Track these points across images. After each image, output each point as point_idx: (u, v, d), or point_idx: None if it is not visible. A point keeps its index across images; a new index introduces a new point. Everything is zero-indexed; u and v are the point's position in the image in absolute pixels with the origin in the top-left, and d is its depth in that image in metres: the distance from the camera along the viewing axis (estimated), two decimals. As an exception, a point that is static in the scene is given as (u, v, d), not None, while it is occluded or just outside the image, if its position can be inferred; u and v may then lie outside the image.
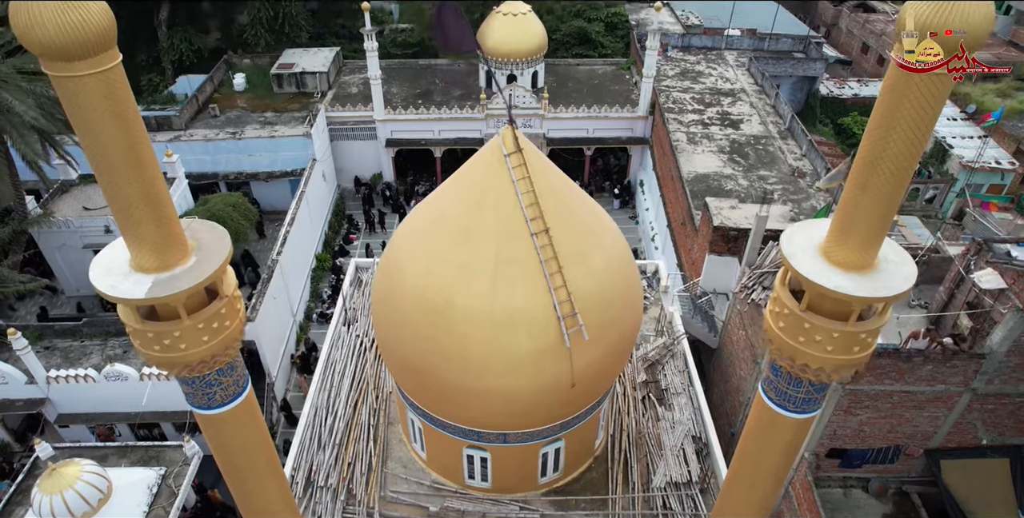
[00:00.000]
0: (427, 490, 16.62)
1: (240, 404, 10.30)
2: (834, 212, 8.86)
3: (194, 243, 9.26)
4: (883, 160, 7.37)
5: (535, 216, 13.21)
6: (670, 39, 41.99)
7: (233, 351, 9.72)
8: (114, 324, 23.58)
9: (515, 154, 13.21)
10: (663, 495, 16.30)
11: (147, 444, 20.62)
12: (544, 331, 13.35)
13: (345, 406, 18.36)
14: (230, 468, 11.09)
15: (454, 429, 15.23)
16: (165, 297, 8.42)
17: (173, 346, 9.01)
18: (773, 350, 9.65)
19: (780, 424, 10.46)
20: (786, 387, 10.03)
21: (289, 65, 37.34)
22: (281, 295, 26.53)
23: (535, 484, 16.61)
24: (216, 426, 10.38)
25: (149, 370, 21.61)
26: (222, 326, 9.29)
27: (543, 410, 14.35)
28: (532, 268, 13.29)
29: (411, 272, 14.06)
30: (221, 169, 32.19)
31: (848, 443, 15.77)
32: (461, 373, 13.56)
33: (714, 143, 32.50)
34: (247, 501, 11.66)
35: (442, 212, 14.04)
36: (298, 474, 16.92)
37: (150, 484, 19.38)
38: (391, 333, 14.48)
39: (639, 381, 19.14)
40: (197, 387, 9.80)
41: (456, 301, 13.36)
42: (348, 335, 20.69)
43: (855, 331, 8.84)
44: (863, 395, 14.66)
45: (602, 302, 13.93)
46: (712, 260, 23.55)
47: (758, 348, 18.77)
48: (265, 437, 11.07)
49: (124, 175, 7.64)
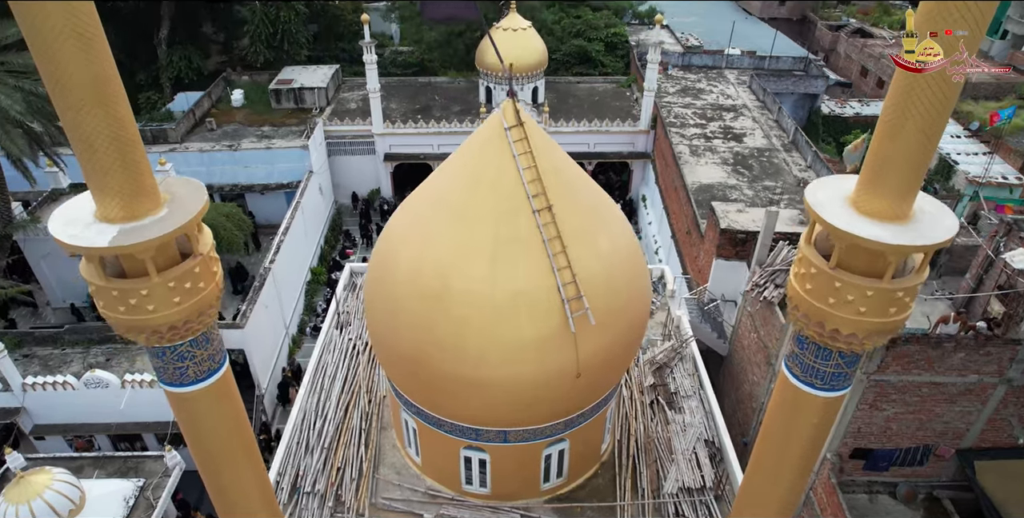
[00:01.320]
0: (421, 497, 15.49)
1: (216, 382, 9.37)
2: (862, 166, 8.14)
3: (167, 196, 8.44)
4: (913, 102, 6.60)
5: (537, 193, 12.48)
6: (670, 58, 41.96)
7: (208, 319, 8.84)
8: (97, 331, 22.66)
9: (516, 128, 12.55)
10: (675, 501, 15.17)
11: (126, 454, 19.47)
12: (547, 315, 12.49)
13: (336, 409, 17.32)
14: (204, 456, 10.07)
15: (451, 427, 14.21)
16: (131, 246, 7.60)
17: (140, 307, 8.13)
18: (799, 318, 8.77)
19: (806, 404, 9.50)
20: (813, 361, 9.13)
21: (288, 81, 37.14)
22: (273, 305, 25.64)
23: (537, 490, 15.48)
24: (188, 406, 9.42)
25: (131, 377, 20.59)
26: (196, 287, 8.43)
27: (546, 404, 13.35)
28: (534, 248, 12.50)
29: (405, 256, 13.26)
30: (216, 181, 31.58)
31: (874, 442, 14.69)
32: (458, 363, 12.64)
33: (717, 155, 32.03)
34: (223, 497, 10.58)
35: (438, 192, 13.33)
36: (283, 480, 15.80)
37: (126, 496, 18.19)
38: (384, 323, 13.59)
39: (646, 385, 18.13)
40: (168, 360, 8.88)
41: (453, 284, 12.53)
42: (340, 338, 19.74)
43: (891, 289, 8.00)
44: (889, 387, 13.67)
45: (609, 287, 13.09)
46: (719, 265, 22.75)
47: (771, 349, 17.83)
48: (243, 422, 10.07)
49: (89, 112, 6.79)
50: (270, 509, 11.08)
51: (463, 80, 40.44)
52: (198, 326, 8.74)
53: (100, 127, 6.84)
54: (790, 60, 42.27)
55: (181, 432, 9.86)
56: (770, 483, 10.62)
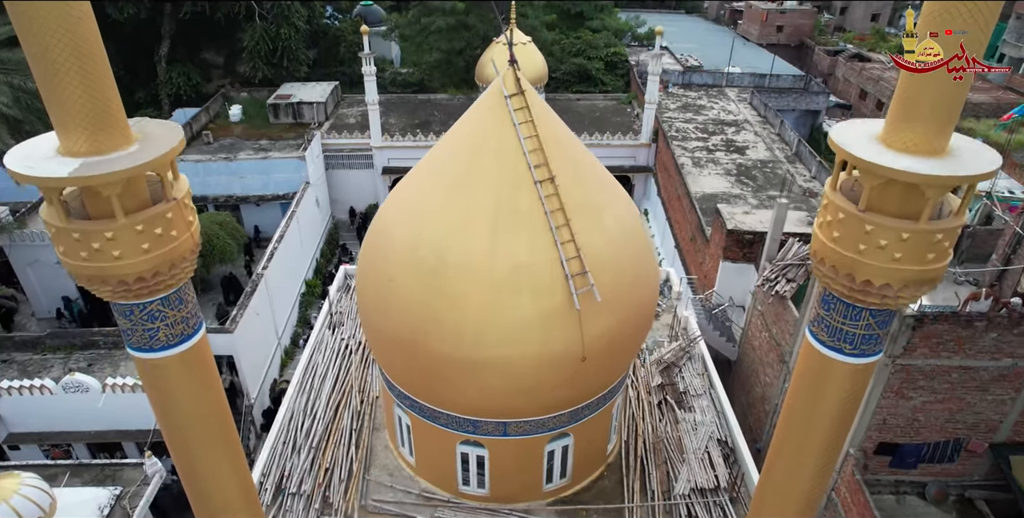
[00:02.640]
0: (415, 499, 14.43)
1: (189, 350, 8.56)
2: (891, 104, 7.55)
3: (140, 134, 7.79)
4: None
5: (539, 163, 11.84)
6: (670, 76, 41.96)
7: (181, 274, 8.07)
8: (79, 336, 21.75)
9: (516, 96, 11.99)
10: (687, 503, 14.12)
11: (103, 462, 18.37)
12: (550, 291, 11.71)
13: (325, 408, 16.34)
14: (175, 437, 9.14)
15: (447, 420, 13.26)
16: (95, 177, 6.96)
17: (104, 253, 7.41)
18: (825, 272, 8.02)
19: (834, 373, 8.66)
20: (841, 322, 8.34)
21: (286, 96, 36.96)
22: (265, 312, 24.78)
23: (539, 492, 14.43)
24: (158, 376, 8.57)
25: (113, 380, 19.61)
26: (167, 235, 7.71)
27: (549, 391, 12.44)
28: (536, 220, 11.79)
29: (399, 232, 12.55)
30: (211, 192, 30.99)
31: (900, 436, 13.69)
32: (455, 343, 11.80)
33: (720, 166, 31.59)
34: (197, 486, 9.57)
35: (436, 164, 12.70)
36: (267, 480, 14.76)
37: (101, 504, 17.03)
38: (377, 304, 12.77)
39: (654, 385, 17.20)
40: (136, 320, 8.10)
41: (450, 258, 11.78)
42: (332, 338, 18.87)
43: (929, 230, 7.30)
44: (917, 372, 12.76)
45: (615, 264, 12.34)
46: (726, 267, 22.01)
47: (784, 346, 16.96)
48: (219, 399, 9.21)
49: (49, 28, 6.17)
50: (249, 501, 10.10)
51: (463, 97, 40.31)
52: (170, 280, 7.99)
53: (60, 40, 6.22)
54: (790, 78, 42.28)
55: (162, 435, 8.95)
56: (792, 472, 9.60)
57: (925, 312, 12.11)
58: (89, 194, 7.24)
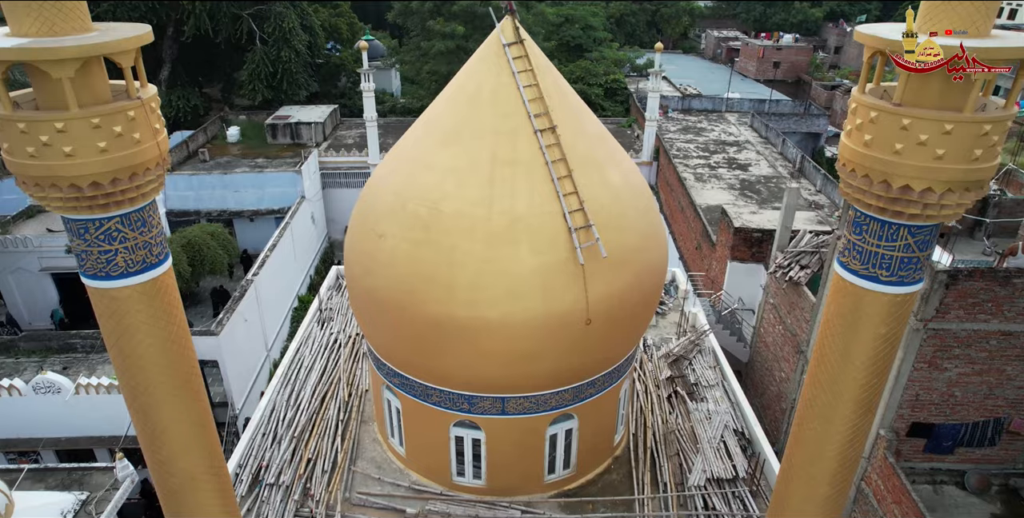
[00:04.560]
0: (405, 492, 13.16)
1: (152, 282, 7.69)
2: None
3: (102, 26, 7.15)
4: None
5: (540, 112, 11.18)
6: (670, 102, 41.98)
7: (145, 189, 7.28)
8: (56, 339, 20.68)
9: (515, 45, 11.42)
10: (703, 494, 12.84)
11: (70, 466, 17.01)
12: (552, 245, 10.84)
13: (311, 399, 15.19)
14: (132, 387, 8.12)
15: (440, 398, 12.17)
16: (43, 50, 6.28)
17: (54, 149, 6.68)
18: (858, 186, 7.23)
19: (869, 307, 7.74)
20: (876, 244, 7.49)
21: (285, 116, 36.79)
22: (254, 320, 23.73)
23: (540, 483, 13.18)
24: (115, 311, 7.64)
25: (87, 380, 18.45)
26: (129, 137, 6.98)
27: (551, 360, 11.38)
28: (537, 171, 11.03)
29: (391, 188, 11.78)
30: (204, 206, 30.40)
31: (935, 414, 12.51)
32: (447, 302, 10.85)
33: (723, 181, 31.05)
34: (156, 447, 8.44)
35: (431, 115, 12.00)
36: (244, 472, 13.50)
37: (64, 509, 15.68)
38: (364, 265, 11.85)
39: (663, 378, 16.08)
40: (92, 240, 7.26)
41: (444, 209, 10.97)
42: (321, 333, 17.82)
43: (976, 120, 6.55)
44: (951, 338, 11.70)
45: (622, 222, 11.51)
46: (734, 268, 21.13)
47: (801, 335, 15.94)
48: (185, 344, 8.24)
49: None
50: (216, 470, 8.92)
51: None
52: (131, 193, 7.18)
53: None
54: (790, 103, 42.29)
55: (120, 386, 7.92)
56: (822, 437, 8.45)
57: (958, 267, 11.18)
58: (40, 81, 6.55)
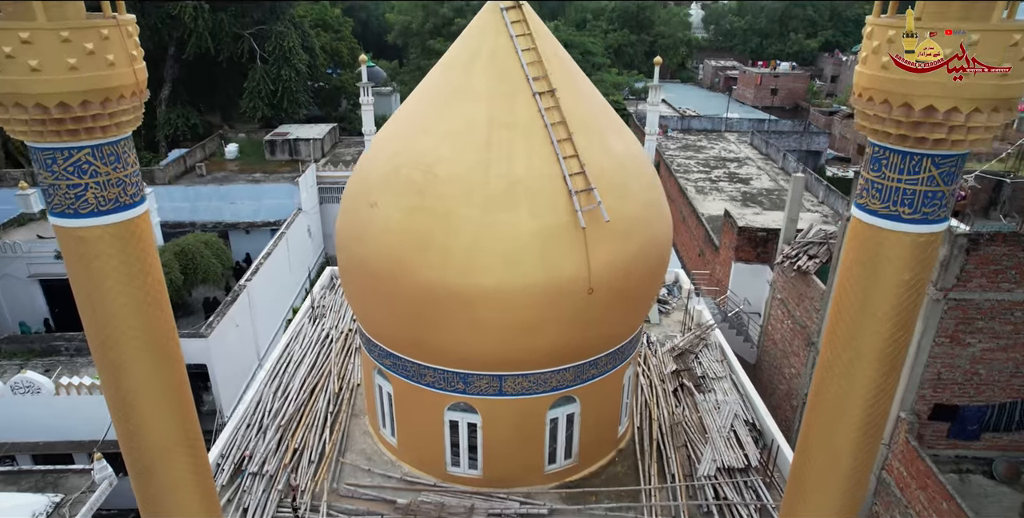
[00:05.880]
0: (396, 484, 12.36)
1: (126, 224, 7.21)
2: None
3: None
4: None
5: (538, 75, 10.84)
6: (669, 121, 42.02)
7: (120, 119, 6.84)
8: (39, 341, 20.00)
9: (513, 9, 11.16)
10: (714, 483, 12.06)
11: (45, 468, 16.18)
12: (552, 208, 10.37)
13: (299, 391, 14.48)
14: (101, 342, 7.51)
15: (434, 377, 11.51)
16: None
17: (19, 62, 6.28)
18: (876, 114, 6.76)
19: (891, 250, 7.19)
20: (897, 178, 6.99)
21: (284, 133, 36.71)
22: (246, 326, 23.07)
23: (540, 473, 12.40)
24: (83, 255, 7.12)
25: (68, 380, 17.73)
26: (102, 58, 6.58)
27: (551, 331, 10.75)
28: (535, 133, 10.65)
29: (384, 156, 11.41)
30: (200, 218, 29.93)
31: (958, 395, 11.79)
32: (441, 269, 10.31)
33: (725, 194, 30.75)
34: (126, 418, 7.78)
35: (427, 83, 11.64)
36: (225, 462, 12.73)
37: (36, 511, 14.84)
38: (355, 238, 11.35)
39: (668, 372, 15.38)
40: (60, 173, 6.81)
41: (439, 172, 10.53)
42: (313, 329, 17.18)
43: (1004, 29, 6.15)
44: (973, 309, 11.08)
45: (624, 189, 11.07)
46: (739, 269, 20.61)
47: (811, 327, 15.32)
48: (160, 295, 7.66)
49: None
50: (189, 441, 8.22)
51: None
52: (103, 120, 6.74)
53: None
54: (789, 123, 42.31)
55: (88, 341, 7.33)
56: (841, 402, 7.64)
57: (979, 231, 10.65)
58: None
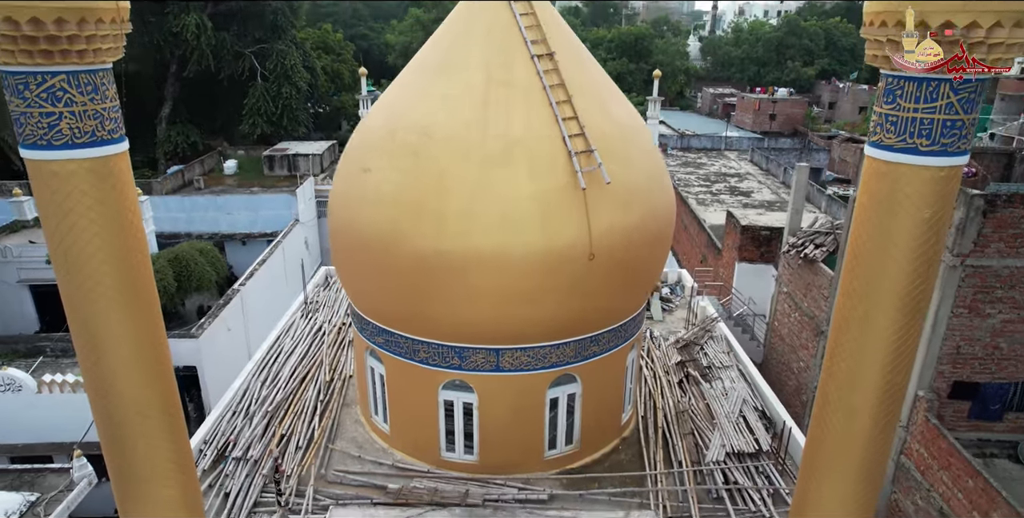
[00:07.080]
0: (388, 471, 11.71)
1: (103, 161, 6.88)
2: None
3: None
4: None
5: (536, 39, 10.60)
6: (669, 140, 42.07)
7: (99, 45, 6.55)
8: (24, 341, 19.45)
9: (511, -26, 10.94)
10: (724, 468, 11.41)
11: (21, 467, 15.44)
12: (551, 169, 10.02)
13: (289, 379, 13.90)
14: (73, 290, 7.09)
15: (428, 353, 10.99)
16: None
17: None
18: (887, 41, 6.44)
19: (909, 186, 6.82)
20: (914, 108, 6.64)
21: (283, 148, 36.68)
22: (239, 331, 22.49)
23: (539, 459, 11.76)
24: (55, 191, 6.78)
25: (51, 377, 17.13)
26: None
27: (550, 300, 10.28)
28: (534, 94, 10.38)
29: (380, 122, 11.11)
30: (196, 229, 29.59)
31: (979, 371, 11.21)
32: (436, 234, 9.91)
33: (726, 205, 30.46)
34: (98, 378, 7.36)
35: (426, 48, 11.41)
36: (208, 448, 12.09)
37: (9, 510, 14.11)
38: (347, 206, 10.99)
39: (672, 363, 14.82)
40: (32, 99, 6.49)
41: (434, 133, 10.22)
42: (305, 323, 16.66)
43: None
44: (992, 277, 10.58)
45: (625, 154, 10.75)
46: (743, 269, 20.18)
47: (819, 317, 14.82)
48: (140, 246, 7.28)
49: None
50: (166, 406, 7.70)
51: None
52: (80, 44, 6.43)
53: None
54: (789, 141, 42.35)
55: (59, 290, 6.92)
56: (860, 357, 7.16)
57: (997, 192, 10.21)
58: None
